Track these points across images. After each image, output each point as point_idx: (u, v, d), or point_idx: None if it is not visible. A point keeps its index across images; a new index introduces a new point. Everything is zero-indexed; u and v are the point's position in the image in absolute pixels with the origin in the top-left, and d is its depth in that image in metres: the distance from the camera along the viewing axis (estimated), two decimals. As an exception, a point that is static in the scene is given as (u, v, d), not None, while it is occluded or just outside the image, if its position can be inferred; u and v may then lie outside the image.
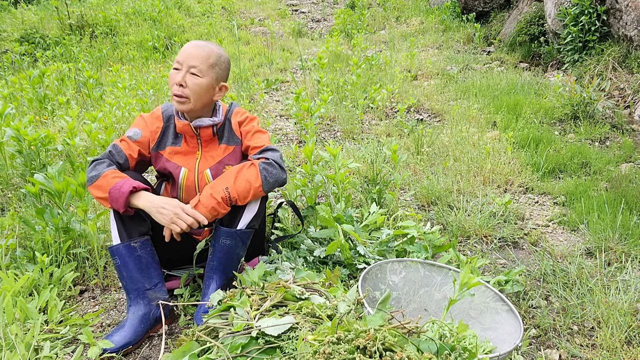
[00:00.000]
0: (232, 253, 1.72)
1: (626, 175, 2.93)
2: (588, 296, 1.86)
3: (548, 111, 4.05)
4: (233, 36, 7.61)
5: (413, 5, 9.51)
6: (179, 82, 1.68)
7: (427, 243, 2.09)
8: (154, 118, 1.81)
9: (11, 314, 1.58)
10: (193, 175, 1.79)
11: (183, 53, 1.71)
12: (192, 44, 1.73)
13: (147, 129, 1.79)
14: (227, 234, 1.70)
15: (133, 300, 1.64)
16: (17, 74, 5.01)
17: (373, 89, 4.50)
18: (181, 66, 1.70)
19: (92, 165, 1.69)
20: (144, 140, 1.78)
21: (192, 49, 1.71)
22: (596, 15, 4.78)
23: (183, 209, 1.58)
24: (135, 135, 1.77)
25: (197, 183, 1.78)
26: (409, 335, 1.28)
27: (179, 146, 1.80)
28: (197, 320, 1.66)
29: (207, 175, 1.79)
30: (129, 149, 1.76)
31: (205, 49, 1.72)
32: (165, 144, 1.80)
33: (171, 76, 1.72)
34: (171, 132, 1.81)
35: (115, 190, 1.57)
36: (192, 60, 1.69)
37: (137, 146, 1.77)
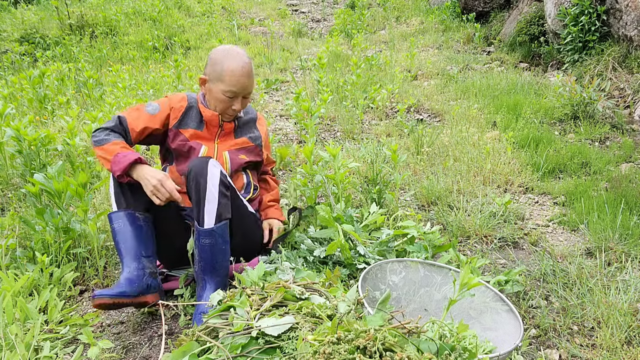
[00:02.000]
0: (216, 250, 1.70)
1: (626, 175, 2.93)
2: (588, 296, 1.86)
3: (548, 111, 4.05)
4: (233, 36, 7.61)
5: (413, 5, 9.51)
6: (238, 109, 1.88)
7: (427, 243, 2.09)
8: (180, 98, 1.94)
9: (11, 314, 1.58)
10: (213, 153, 1.93)
11: (238, 85, 1.83)
12: (244, 72, 1.83)
13: (167, 107, 1.90)
14: (204, 234, 1.68)
15: (127, 262, 1.67)
16: (17, 74, 5.01)
17: (373, 89, 4.50)
18: (235, 94, 1.85)
19: (103, 130, 1.79)
20: (160, 116, 1.88)
21: (245, 79, 1.85)
22: (596, 15, 4.78)
23: (162, 184, 1.66)
24: (153, 110, 1.88)
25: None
26: (409, 335, 1.28)
27: (201, 131, 1.92)
28: (196, 321, 1.66)
29: (225, 156, 1.94)
30: (134, 122, 1.84)
31: (251, 71, 1.87)
32: (188, 125, 1.91)
33: (221, 100, 1.86)
34: (195, 115, 1.93)
35: (122, 156, 1.69)
36: (248, 89, 1.88)
37: (146, 121, 1.85)
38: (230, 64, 1.82)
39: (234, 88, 1.82)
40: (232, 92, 1.82)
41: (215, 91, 1.85)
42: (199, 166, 1.70)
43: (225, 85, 1.82)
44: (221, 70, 1.82)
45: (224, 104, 1.86)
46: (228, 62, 1.82)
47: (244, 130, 2.02)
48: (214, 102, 1.88)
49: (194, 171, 1.70)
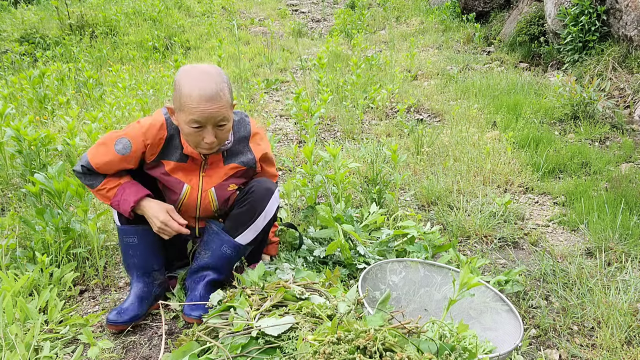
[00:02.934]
0: (230, 261, 1.75)
1: (626, 175, 2.93)
2: (588, 296, 1.86)
3: (548, 111, 4.05)
4: (233, 36, 7.61)
5: (413, 5, 9.51)
6: (210, 142, 1.55)
7: (427, 243, 2.09)
8: (158, 127, 1.62)
9: (11, 314, 1.58)
10: (196, 193, 1.71)
11: (198, 112, 1.48)
12: (203, 96, 1.48)
13: (141, 143, 1.60)
14: (230, 244, 1.71)
15: (138, 276, 1.73)
16: (17, 74, 5.01)
17: (373, 89, 4.50)
18: (201, 124, 1.52)
19: (80, 175, 1.65)
20: (133, 155, 1.61)
21: (208, 105, 1.49)
22: (596, 15, 4.78)
23: (167, 224, 1.62)
24: (124, 149, 1.59)
25: (200, 201, 1.73)
26: (409, 335, 1.28)
27: (184, 163, 1.68)
28: (185, 312, 1.67)
29: (211, 194, 1.72)
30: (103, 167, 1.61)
31: (218, 94, 1.50)
32: (169, 157, 1.66)
33: (188, 133, 1.54)
34: (177, 145, 1.66)
35: (122, 200, 1.62)
36: (215, 117, 1.51)
37: (116, 164, 1.61)
38: (187, 88, 1.49)
39: (195, 117, 1.48)
40: (194, 121, 1.50)
41: (180, 123, 1.54)
42: (262, 195, 1.70)
43: (186, 115, 1.50)
44: (180, 97, 1.50)
45: (193, 137, 1.54)
46: (186, 86, 1.49)
47: (234, 154, 1.74)
48: (185, 135, 1.58)
49: (255, 198, 1.70)
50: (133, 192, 1.62)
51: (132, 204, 1.61)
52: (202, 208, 1.75)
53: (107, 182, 1.64)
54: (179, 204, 1.72)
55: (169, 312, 1.77)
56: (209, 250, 1.73)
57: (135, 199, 1.61)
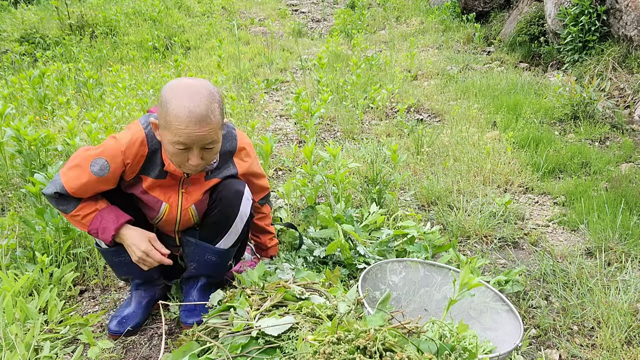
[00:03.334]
0: (218, 266, 1.71)
1: (626, 175, 2.93)
2: (588, 296, 1.86)
3: (548, 111, 4.05)
4: (233, 36, 7.61)
5: (413, 5, 9.50)
6: (196, 165, 1.44)
7: (427, 243, 2.09)
8: (138, 145, 1.48)
9: (11, 314, 1.58)
10: (175, 211, 1.62)
11: (185, 135, 1.36)
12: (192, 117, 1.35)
13: (120, 163, 1.47)
14: (213, 252, 1.66)
15: (139, 285, 1.73)
16: (17, 74, 5.01)
17: (373, 89, 4.50)
18: (187, 146, 1.40)
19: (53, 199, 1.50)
20: (110, 177, 1.48)
21: (196, 128, 1.36)
22: (596, 15, 4.78)
23: (148, 254, 1.51)
24: (100, 171, 1.45)
25: (179, 218, 1.64)
26: (409, 335, 1.28)
27: (163, 179, 1.56)
28: (182, 319, 1.67)
29: (191, 210, 1.63)
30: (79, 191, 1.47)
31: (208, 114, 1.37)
32: (148, 172, 1.54)
33: (172, 153, 1.41)
34: (157, 161, 1.53)
35: (97, 230, 1.50)
36: (203, 139, 1.39)
37: (92, 186, 1.48)
38: (175, 107, 1.35)
39: (182, 139, 1.36)
40: (180, 143, 1.38)
41: (165, 141, 1.42)
42: (231, 200, 1.60)
43: (171, 135, 1.37)
44: (166, 115, 1.37)
45: (177, 157, 1.42)
46: (173, 105, 1.35)
47: (217, 169, 1.63)
48: (168, 154, 1.45)
49: (225, 204, 1.60)
50: (112, 220, 1.50)
51: (112, 232, 1.49)
52: (182, 224, 1.67)
53: (82, 208, 1.50)
54: (157, 220, 1.64)
55: (169, 313, 1.77)
56: (194, 262, 1.68)
57: (116, 227, 1.50)
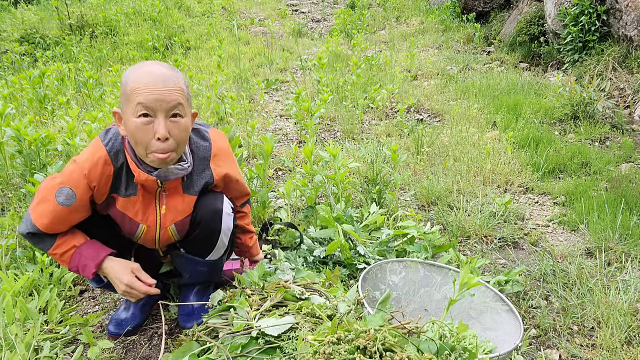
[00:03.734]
0: (212, 273, 1.71)
1: (626, 175, 2.93)
2: (588, 296, 1.86)
3: (548, 111, 4.05)
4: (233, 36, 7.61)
5: (413, 5, 9.50)
6: (163, 136, 1.30)
7: (427, 243, 2.09)
8: (100, 166, 1.38)
9: (11, 314, 1.58)
10: (154, 232, 1.52)
11: (147, 92, 1.28)
12: (152, 76, 1.29)
13: (86, 189, 1.38)
14: (203, 264, 1.64)
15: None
16: (17, 74, 5.01)
17: (373, 89, 4.50)
18: (153, 112, 1.29)
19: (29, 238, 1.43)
20: (78, 205, 1.38)
21: (157, 84, 1.29)
22: (596, 15, 4.78)
23: (132, 287, 1.44)
24: (67, 200, 1.36)
25: (158, 238, 1.55)
26: (409, 335, 1.28)
27: (134, 196, 1.45)
28: (181, 323, 1.68)
29: (171, 230, 1.54)
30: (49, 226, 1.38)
31: (170, 76, 1.32)
32: (118, 192, 1.44)
33: (137, 129, 1.30)
34: (125, 175, 1.43)
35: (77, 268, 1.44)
36: (166, 98, 1.29)
37: (62, 218, 1.38)
38: (133, 75, 1.31)
39: (142, 98, 1.27)
40: (142, 106, 1.27)
41: (128, 121, 1.31)
42: (211, 220, 1.54)
43: (132, 105, 1.29)
44: (125, 85, 1.31)
45: (142, 133, 1.30)
46: (132, 75, 1.31)
47: (195, 179, 1.52)
48: (133, 138, 1.33)
49: (205, 226, 1.54)
50: (91, 256, 1.42)
51: (93, 269, 1.42)
52: (162, 242, 1.59)
53: (58, 246, 1.42)
54: (137, 239, 1.56)
55: (168, 313, 1.77)
56: (186, 272, 1.68)
57: (96, 263, 1.42)
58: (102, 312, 1.78)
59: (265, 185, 2.48)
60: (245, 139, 3.42)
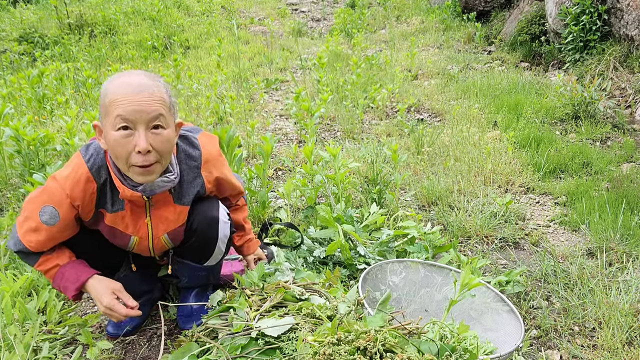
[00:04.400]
0: (210, 276, 1.71)
1: (627, 175, 2.92)
2: (589, 297, 1.85)
3: (549, 111, 4.04)
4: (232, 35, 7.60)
5: (413, 5, 9.49)
6: (144, 149, 1.25)
7: (427, 243, 2.08)
8: (82, 184, 1.34)
9: (10, 314, 1.57)
10: (147, 242, 1.50)
11: (125, 103, 1.23)
12: (130, 87, 1.25)
13: (69, 208, 1.34)
14: (202, 270, 1.65)
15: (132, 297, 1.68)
16: (16, 74, 5.00)
17: (373, 88, 4.49)
18: (133, 124, 1.25)
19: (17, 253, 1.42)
20: (62, 224, 1.36)
21: (137, 96, 1.24)
22: (597, 15, 4.77)
23: (112, 309, 1.41)
24: (51, 219, 1.33)
25: (152, 247, 1.53)
26: (409, 336, 1.27)
27: (122, 210, 1.42)
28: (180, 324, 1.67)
29: (164, 240, 1.51)
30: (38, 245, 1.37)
31: (151, 85, 1.27)
32: (105, 207, 1.40)
33: (117, 143, 1.25)
34: (108, 192, 1.39)
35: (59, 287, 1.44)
36: (147, 111, 1.25)
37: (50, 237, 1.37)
38: (111, 83, 1.27)
39: (121, 110, 1.22)
40: (121, 118, 1.23)
41: (108, 135, 1.27)
42: (207, 229, 1.53)
43: (111, 117, 1.24)
44: (104, 97, 1.27)
45: (122, 146, 1.25)
46: (110, 87, 1.27)
47: (185, 188, 1.47)
48: (113, 153, 1.28)
49: (202, 235, 1.54)
50: (73, 279, 1.41)
51: (74, 292, 1.41)
52: (157, 250, 1.57)
53: (41, 263, 1.41)
54: (130, 249, 1.54)
55: (168, 313, 1.76)
56: (185, 277, 1.68)
57: (77, 287, 1.40)
58: (101, 313, 1.77)
59: (265, 185, 2.47)
60: (245, 139, 3.42)
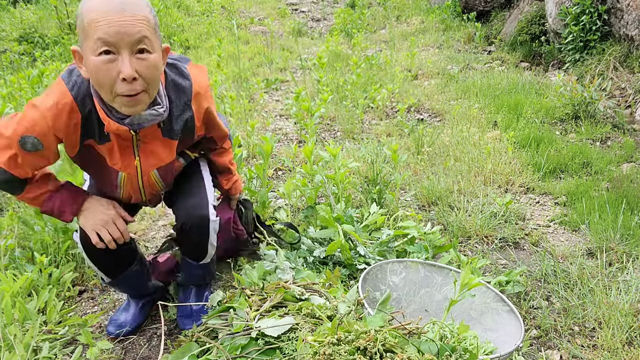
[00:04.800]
0: (206, 274, 1.71)
1: (627, 175, 2.92)
2: (589, 297, 1.85)
3: (549, 111, 4.04)
4: (232, 35, 7.60)
5: (413, 5, 9.49)
6: (129, 76, 1.14)
7: (427, 243, 2.08)
8: (65, 115, 1.23)
9: (10, 314, 1.57)
10: (136, 179, 1.42)
11: (108, 26, 1.10)
12: (113, 2, 1.12)
13: (52, 137, 1.26)
14: (197, 267, 1.65)
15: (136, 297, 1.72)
16: (16, 74, 5.00)
17: (373, 88, 4.49)
18: (116, 48, 1.12)
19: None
20: (48, 151, 1.28)
21: (118, 15, 1.11)
22: (597, 15, 4.77)
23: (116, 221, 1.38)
24: (33, 146, 1.24)
25: (142, 185, 1.46)
26: (409, 336, 1.27)
27: (108, 142, 1.32)
28: (180, 324, 1.67)
29: (154, 176, 1.45)
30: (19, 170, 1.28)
31: (132, 4, 1.14)
32: (91, 138, 1.31)
33: (99, 69, 1.14)
34: (95, 123, 1.28)
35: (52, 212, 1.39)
36: (131, 32, 1.12)
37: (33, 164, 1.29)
38: (90, 2, 1.14)
39: (101, 32, 1.10)
40: (102, 42, 1.10)
41: (88, 61, 1.15)
42: (199, 230, 1.52)
43: (91, 41, 1.12)
44: (81, 17, 1.14)
45: (105, 73, 1.14)
46: (88, 2, 1.15)
47: (174, 122, 1.37)
48: (96, 81, 1.17)
49: (194, 236, 1.54)
50: (69, 201, 1.38)
51: (71, 215, 1.39)
52: (147, 191, 1.50)
53: (29, 190, 1.35)
54: (121, 189, 1.46)
55: (168, 313, 1.76)
56: (184, 272, 1.70)
57: (76, 208, 1.38)
58: (101, 313, 1.77)
59: (265, 185, 2.47)
60: (245, 139, 3.42)
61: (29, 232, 2.07)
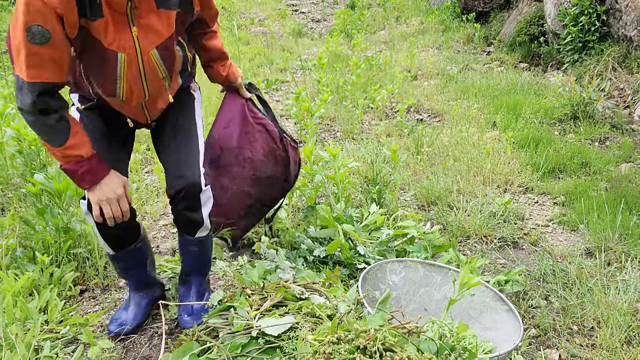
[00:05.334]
0: (203, 255, 1.72)
1: (626, 175, 2.93)
2: (588, 296, 1.86)
3: (548, 111, 4.05)
4: (233, 36, 7.60)
5: (413, 6, 9.50)
6: None
7: (427, 243, 2.09)
8: None
9: (11, 314, 1.58)
10: (136, 61, 1.34)
11: None
12: None
13: (53, 17, 1.18)
14: (193, 243, 1.66)
15: (137, 288, 1.72)
16: (17, 74, 5.00)
17: (373, 89, 4.50)
18: None
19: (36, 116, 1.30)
20: (57, 38, 1.21)
21: None
22: (596, 16, 4.78)
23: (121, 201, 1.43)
24: (42, 38, 1.18)
25: (143, 69, 1.37)
26: (409, 335, 1.28)
27: (101, 18, 1.25)
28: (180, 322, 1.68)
29: (154, 57, 1.36)
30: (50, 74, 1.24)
31: None
32: (85, 16, 1.25)
33: None
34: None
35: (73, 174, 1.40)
36: None
37: (55, 56, 1.23)
38: None
39: None
40: None
41: None
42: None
43: None
44: None
45: None
46: None
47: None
48: None
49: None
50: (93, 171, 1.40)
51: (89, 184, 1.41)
52: (150, 80, 1.42)
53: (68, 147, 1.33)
54: (121, 81, 1.38)
55: (169, 312, 1.77)
56: (183, 256, 1.71)
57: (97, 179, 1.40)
58: (103, 312, 1.78)
59: (265, 185, 2.48)
60: (245, 139, 3.42)
61: (31, 232, 2.08)
